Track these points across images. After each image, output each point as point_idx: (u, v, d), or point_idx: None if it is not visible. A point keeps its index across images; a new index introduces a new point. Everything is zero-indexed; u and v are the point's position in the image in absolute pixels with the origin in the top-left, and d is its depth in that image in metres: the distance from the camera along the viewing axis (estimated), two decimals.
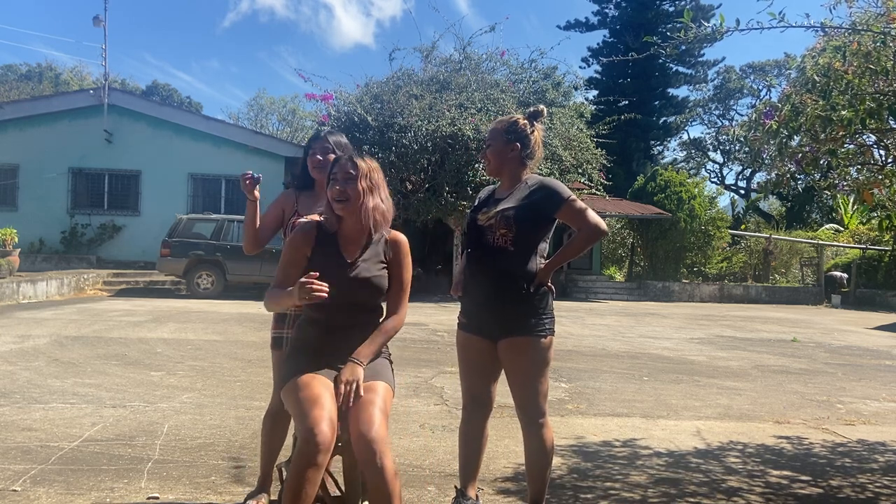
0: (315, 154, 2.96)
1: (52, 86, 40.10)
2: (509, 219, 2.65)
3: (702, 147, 41.77)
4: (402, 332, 9.18)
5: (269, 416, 2.95)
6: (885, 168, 3.92)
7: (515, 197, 2.71)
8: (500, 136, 2.77)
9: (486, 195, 2.88)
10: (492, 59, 17.53)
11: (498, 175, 2.84)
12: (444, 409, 4.96)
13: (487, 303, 2.70)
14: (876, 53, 3.18)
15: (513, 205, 2.68)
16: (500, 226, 2.66)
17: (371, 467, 2.20)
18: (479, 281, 2.72)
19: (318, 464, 2.16)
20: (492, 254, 2.68)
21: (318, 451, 2.16)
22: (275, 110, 47.07)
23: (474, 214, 2.79)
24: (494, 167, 2.81)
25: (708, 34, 3.10)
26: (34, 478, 3.24)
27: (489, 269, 2.69)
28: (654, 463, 3.87)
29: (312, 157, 2.97)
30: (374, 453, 2.19)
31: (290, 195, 3.05)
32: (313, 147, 2.99)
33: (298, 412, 2.27)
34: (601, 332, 10.43)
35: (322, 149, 2.95)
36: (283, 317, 2.89)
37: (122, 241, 18.46)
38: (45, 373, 5.81)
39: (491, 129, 2.83)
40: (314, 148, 2.98)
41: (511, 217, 2.65)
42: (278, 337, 2.89)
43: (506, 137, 2.76)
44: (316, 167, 2.95)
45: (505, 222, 2.65)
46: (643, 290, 19.68)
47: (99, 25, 19.18)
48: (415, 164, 15.06)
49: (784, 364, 7.85)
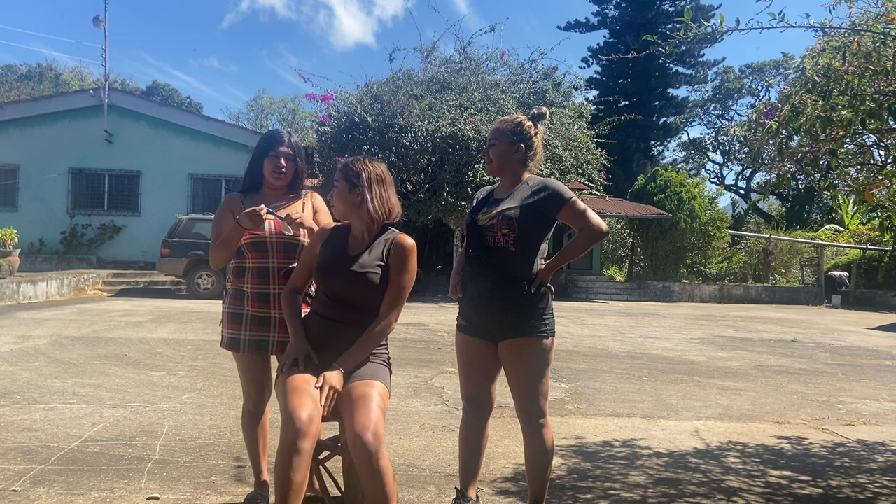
0: (278, 160, 2.81)
1: (52, 86, 40.11)
2: (511, 219, 2.63)
3: (701, 147, 41.78)
4: (403, 333, 9.18)
5: (247, 416, 2.97)
6: (885, 168, 3.92)
7: (517, 197, 2.69)
8: (504, 137, 2.74)
9: (484, 195, 2.86)
10: (492, 60, 17.54)
11: (499, 175, 2.82)
12: (445, 409, 4.95)
13: (488, 304, 2.68)
14: (876, 54, 3.18)
15: (515, 205, 2.66)
16: (502, 226, 2.64)
17: (367, 467, 2.22)
18: (480, 282, 2.69)
19: (300, 450, 2.20)
20: (493, 254, 2.65)
21: (297, 436, 2.20)
22: (275, 110, 47.09)
23: (474, 215, 2.77)
24: (497, 167, 2.78)
25: (708, 34, 3.09)
26: (34, 478, 3.24)
27: (490, 269, 2.66)
28: (653, 463, 3.87)
29: (275, 162, 2.81)
30: (371, 454, 2.21)
31: (236, 198, 2.88)
32: (276, 151, 2.82)
33: (283, 402, 2.36)
34: (601, 333, 10.43)
35: (287, 155, 2.83)
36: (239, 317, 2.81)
37: (123, 241, 18.47)
38: (46, 373, 5.81)
39: (494, 128, 2.79)
40: (277, 153, 2.82)
41: (513, 217, 2.63)
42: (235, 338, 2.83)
43: (511, 139, 2.74)
44: (275, 172, 2.82)
45: (507, 222, 2.63)
46: (643, 291, 19.68)
47: (99, 25, 19.21)
48: (415, 164, 15.06)
49: (784, 364, 7.85)
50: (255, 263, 2.79)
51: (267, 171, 2.85)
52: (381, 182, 2.62)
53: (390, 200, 2.63)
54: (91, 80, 41.07)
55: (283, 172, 2.84)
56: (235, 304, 2.84)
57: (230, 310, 2.85)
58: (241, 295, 2.83)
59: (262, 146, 2.87)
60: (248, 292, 2.80)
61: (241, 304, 2.82)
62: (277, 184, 2.87)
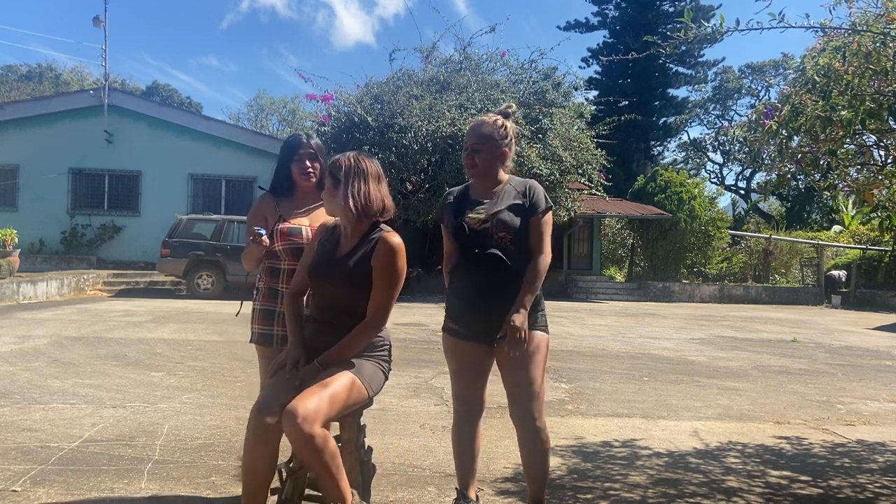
0: (304, 160, 2.95)
1: (52, 86, 40.12)
2: (506, 222, 2.64)
3: (701, 147, 41.78)
4: (403, 333, 9.17)
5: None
6: (885, 168, 3.92)
7: (506, 199, 2.70)
8: (491, 143, 2.72)
9: (458, 197, 2.80)
10: (492, 60, 17.54)
11: (482, 178, 2.77)
12: (445, 410, 4.95)
13: (491, 302, 2.64)
14: (876, 54, 3.18)
15: (504, 207, 2.67)
16: (498, 229, 2.64)
17: (293, 442, 2.27)
18: (481, 282, 2.65)
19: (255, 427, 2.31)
20: (493, 256, 2.63)
21: (256, 414, 2.32)
22: (275, 111, 47.12)
23: (459, 220, 2.70)
24: (482, 171, 2.74)
25: (708, 34, 3.09)
26: (34, 478, 3.24)
27: (492, 270, 2.63)
28: (653, 463, 3.87)
29: (300, 164, 2.95)
30: (294, 427, 2.21)
31: (269, 200, 3.01)
32: (299, 153, 2.96)
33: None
34: (601, 333, 10.43)
35: (309, 155, 2.95)
36: (272, 313, 2.91)
37: (123, 241, 18.47)
38: (46, 373, 5.81)
39: (478, 133, 2.73)
40: (301, 154, 2.96)
41: (507, 220, 2.64)
42: (267, 334, 2.92)
43: (498, 143, 2.72)
44: (304, 174, 2.94)
45: (502, 226, 2.64)
46: (643, 291, 19.68)
47: (99, 26, 19.21)
48: (415, 164, 15.06)
49: (784, 364, 7.85)
50: (289, 266, 2.89)
51: (295, 174, 2.97)
52: (360, 175, 2.53)
53: (371, 194, 2.53)
54: (91, 80, 41.09)
55: (309, 173, 2.95)
56: (268, 302, 2.94)
57: (262, 307, 2.95)
58: (274, 294, 2.93)
59: (285, 152, 3.01)
60: (282, 292, 2.91)
61: (275, 303, 2.92)
62: (307, 185, 2.97)
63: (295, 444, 2.26)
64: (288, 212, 2.95)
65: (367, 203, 2.52)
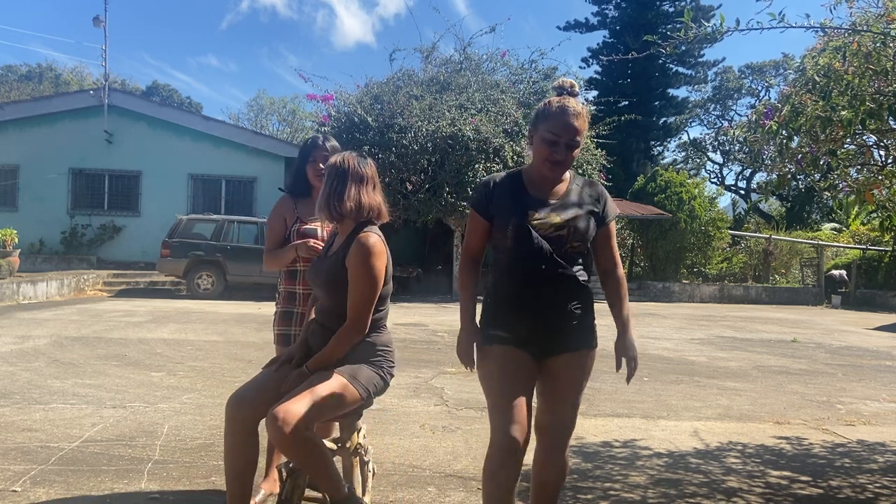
0: (317, 162, 2.98)
1: (52, 86, 40.12)
2: (584, 233, 2.36)
3: (701, 148, 41.78)
4: (403, 333, 9.17)
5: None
6: (885, 168, 3.92)
7: (580, 204, 2.39)
8: (581, 135, 2.35)
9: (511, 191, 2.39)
10: (492, 60, 17.55)
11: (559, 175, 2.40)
12: (445, 410, 4.95)
13: (557, 315, 2.35)
14: (876, 54, 3.18)
15: (582, 213, 2.38)
16: (574, 238, 2.34)
17: (276, 444, 2.32)
18: (544, 292, 2.32)
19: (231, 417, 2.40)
20: (562, 265, 2.32)
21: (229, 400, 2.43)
22: (275, 111, 47.07)
23: (522, 220, 2.31)
24: (566, 169, 2.39)
25: (708, 34, 3.09)
26: (34, 478, 3.24)
27: (561, 279, 2.33)
28: (653, 463, 3.87)
29: (314, 166, 2.99)
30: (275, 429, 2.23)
31: (289, 201, 3.07)
32: (314, 155, 3.00)
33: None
34: (601, 333, 10.39)
35: (323, 157, 2.96)
36: (290, 314, 2.99)
37: (123, 241, 18.46)
38: (46, 373, 5.80)
39: (574, 126, 2.33)
40: (315, 156, 3.00)
41: (585, 231, 2.37)
42: (286, 334, 2.97)
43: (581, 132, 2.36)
44: (318, 175, 2.96)
45: (579, 236, 2.35)
46: (643, 291, 19.67)
47: (99, 26, 19.20)
48: (415, 164, 15.06)
49: (784, 364, 7.85)
50: (306, 267, 2.92)
51: (310, 175, 3.02)
52: (340, 177, 2.48)
53: (347, 193, 2.45)
54: (91, 80, 41.06)
55: (323, 175, 2.93)
56: (287, 304, 3.02)
57: (282, 309, 3.03)
58: (292, 296, 3.02)
59: (302, 155, 3.07)
60: (300, 294, 2.99)
61: (293, 305, 3.00)
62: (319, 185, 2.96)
63: (278, 447, 2.32)
64: (305, 213, 3.00)
65: (339, 203, 2.46)
